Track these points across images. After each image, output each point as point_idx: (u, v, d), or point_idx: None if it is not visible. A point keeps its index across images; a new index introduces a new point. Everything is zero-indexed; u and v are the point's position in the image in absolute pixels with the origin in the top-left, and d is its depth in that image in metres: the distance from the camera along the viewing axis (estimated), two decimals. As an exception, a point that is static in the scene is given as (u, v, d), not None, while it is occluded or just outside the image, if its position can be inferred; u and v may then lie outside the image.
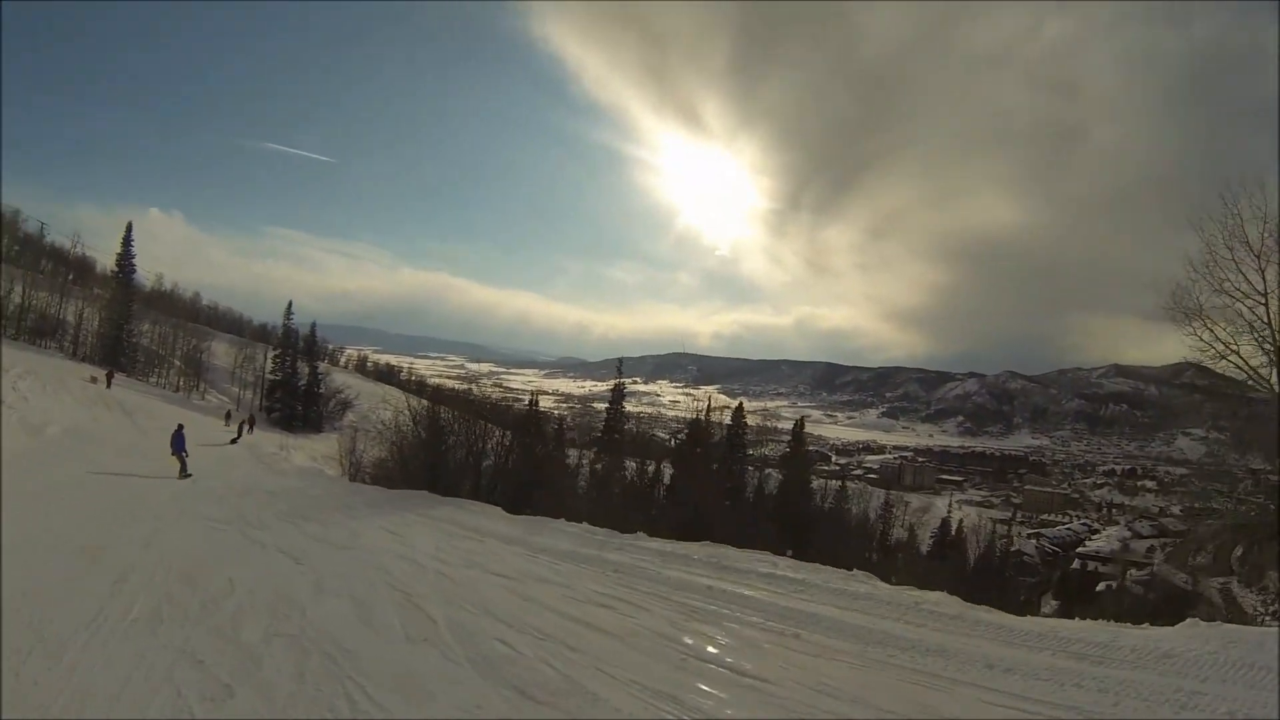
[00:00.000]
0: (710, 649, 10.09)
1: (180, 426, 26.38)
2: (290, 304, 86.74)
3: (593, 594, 12.63)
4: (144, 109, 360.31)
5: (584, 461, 44.24)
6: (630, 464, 44.20)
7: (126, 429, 37.74)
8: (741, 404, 57.00)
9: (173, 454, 24.91)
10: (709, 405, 54.39)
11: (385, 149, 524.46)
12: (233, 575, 11.67)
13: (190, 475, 24.39)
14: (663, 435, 74.94)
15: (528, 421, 34.53)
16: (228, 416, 55.56)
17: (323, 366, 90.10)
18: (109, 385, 50.75)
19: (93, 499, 17.91)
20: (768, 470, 57.00)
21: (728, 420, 51.85)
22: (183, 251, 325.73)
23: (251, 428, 55.04)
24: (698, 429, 50.18)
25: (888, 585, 15.24)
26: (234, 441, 44.98)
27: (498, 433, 33.95)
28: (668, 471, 45.13)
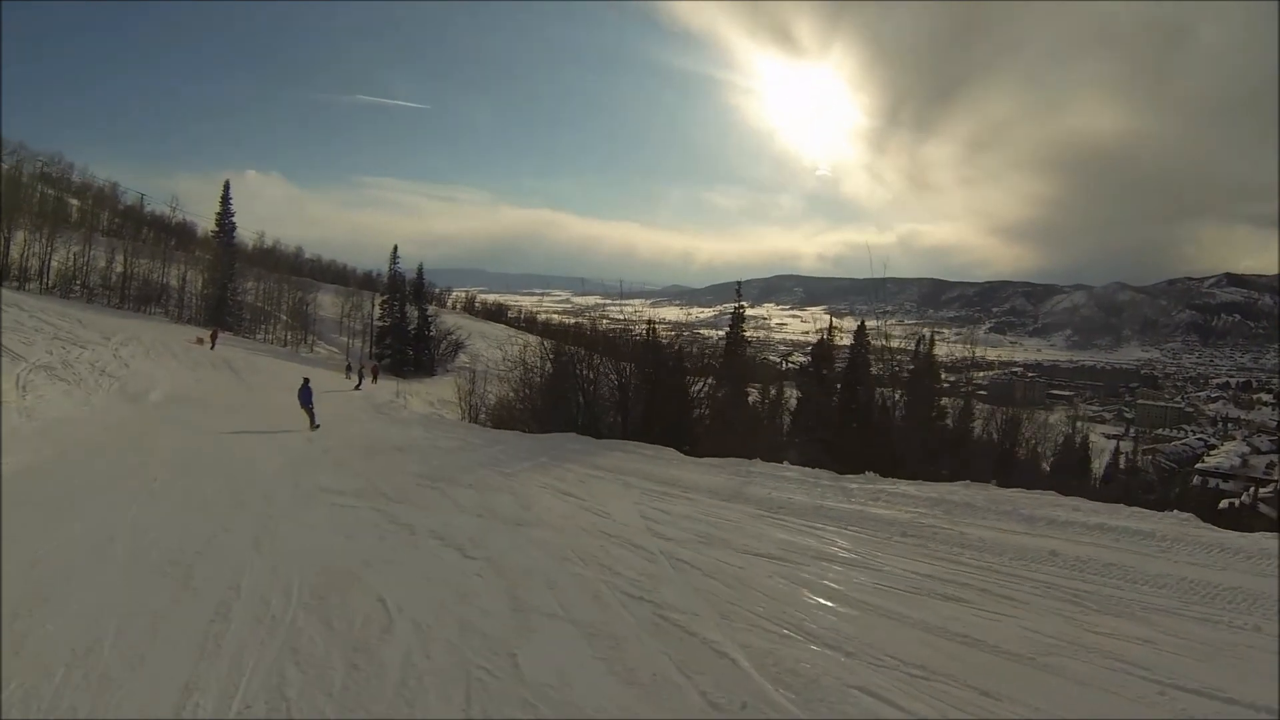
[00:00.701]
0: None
1: (306, 380, 25.99)
2: (395, 248, 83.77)
3: (917, 578, 8.39)
4: (234, 75, 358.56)
5: (704, 390, 39.96)
6: (753, 391, 40.46)
7: (234, 388, 34.95)
8: (864, 323, 52.18)
9: (302, 407, 24.47)
10: (830, 325, 49.74)
11: (479, 91, 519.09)
12: (384, 592, 7.69)
13: (319, 426, 23.99)
14: (773, 359, 70.63)
15: (654, 350, 29.94)
16: (348, 369, 52.80)
17: (431, 309, 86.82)
18: (213, 345, 48.15)
19: (191, 475, 14.38)
20: (895, 391, 52.26)
21: (848, 341, 47.23)
22: (283, 210, 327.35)
23: (375, 377, 53.79)
24: (823, 351, 45.61)
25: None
26: (357, 388, 45.71)
27: (628, 366, 29.22)
28: (792, 398, 41.93)
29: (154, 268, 68.63)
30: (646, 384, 27.39)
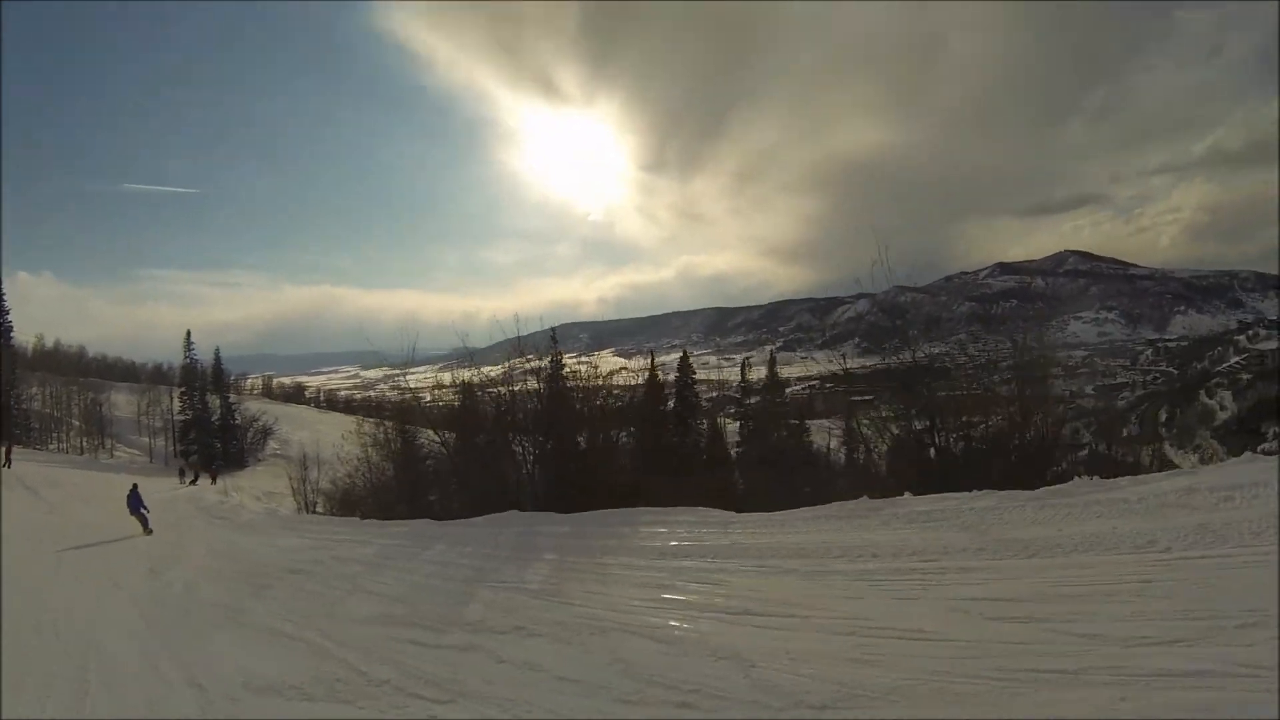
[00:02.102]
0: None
1: (135, 486, 24.66)
2: (189, 334, 76.48)
3: None
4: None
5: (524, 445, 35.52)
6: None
7: (33, 511, 28.21)
8: (686, 354, 49.85)
9: (132, 514, 23.19)
10: (652, 363, 46.86)
11: (247, 172, 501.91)
12: None
13: (151, 531, 22.78)
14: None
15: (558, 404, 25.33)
16: (181, 473, 47.32)
17: (231, 397, 79.12)
18: (8, 463, 40.86)
19: None
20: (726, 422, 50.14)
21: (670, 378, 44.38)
22: (59, 311, 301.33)
23: (214, 479, 49.89)
24: (655, 389, 42.41)
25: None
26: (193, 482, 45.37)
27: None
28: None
29: None
30: (560, 443, 23.01)
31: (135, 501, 23.42)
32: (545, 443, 22.90)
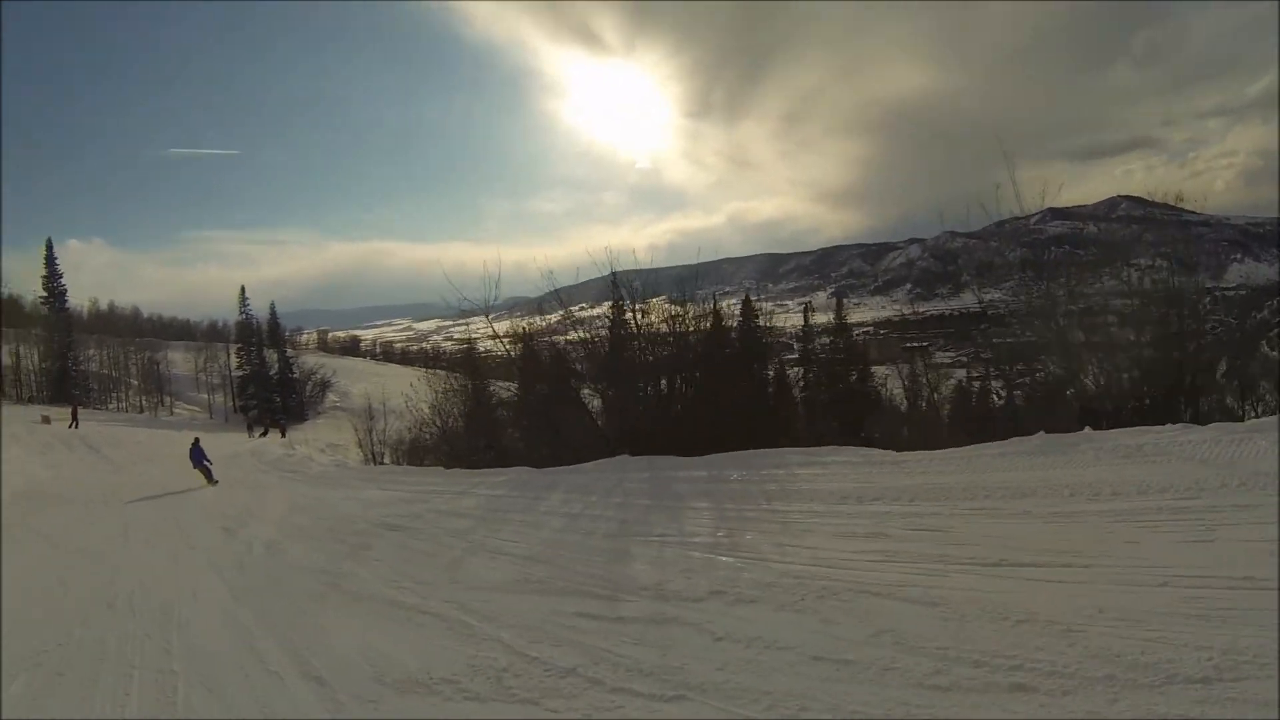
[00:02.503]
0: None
1: (196, 439, 24.26)
2: (243, 290, 75.32)
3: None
4: (34, 139, 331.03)
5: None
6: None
7: (99, 471, 26.98)
8: (749, 297, 47.22)
9: (195, 467, 22.98)
10: (714, 306, 44.55)
11: (290, 131, 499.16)
12: None
13: (216, 482, 22.64)
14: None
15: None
16: (250, 427, 46.52)
17: (289, 352, 78.61)
18: (75, 423, 40.05)
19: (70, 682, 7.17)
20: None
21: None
22: (112, 276, 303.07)
23: (283, 432, 50.22)
24: (719, 333, 39.93)
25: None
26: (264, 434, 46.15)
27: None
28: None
29: None
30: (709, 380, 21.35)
31: (198, 454, 23.17)
32: (640, 387, 21.27)
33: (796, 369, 47.71)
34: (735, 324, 37.95)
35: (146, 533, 14.72)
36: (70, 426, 39.55)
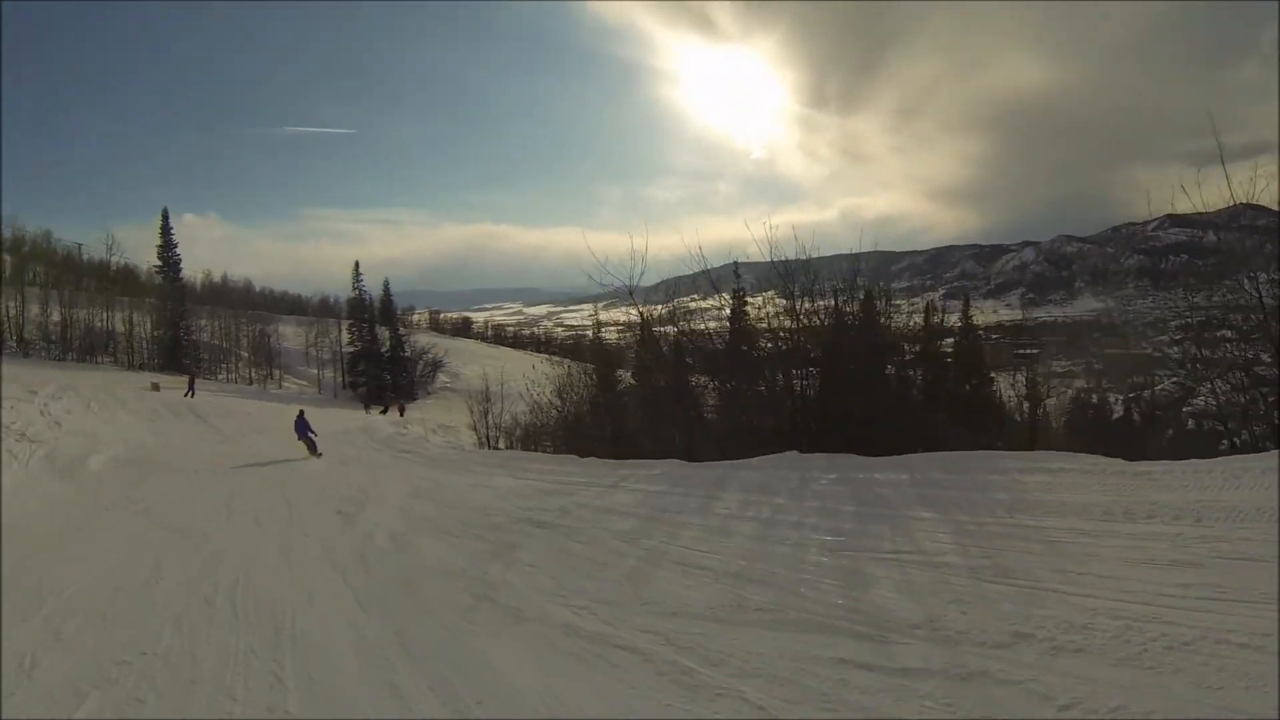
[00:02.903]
0: None
1: (301, 411, 24.74)
2: (357, 265, 74.88)
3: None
4: (157, 118, 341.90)
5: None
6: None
7: (206, 440, 26.02)
8: (871, 294, 44.44)
9: (299, 439, 22.75)
10: (836, 302, 42.26)
11: (405, 110, 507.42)
12: None
13: (321, 454, 22.26)
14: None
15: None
16: (367, 405, 45.99)
17: (400, 330, 77.94)
18: (191, 393, 39.90)
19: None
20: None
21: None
22: (225, 250, 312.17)
23: (402, 411, 49.16)
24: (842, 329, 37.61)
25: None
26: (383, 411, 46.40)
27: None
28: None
29: (97, 315, 60.04)
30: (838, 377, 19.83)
31: (302, 426, 23.02)
32: (773, 380, 20.06)
33: (912, 371, 45.17)
34: (857, 321, 35.73)
35: (253, 510, 13.27)
36: (186, 395, 39.19)
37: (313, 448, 22.40)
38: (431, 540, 10.27)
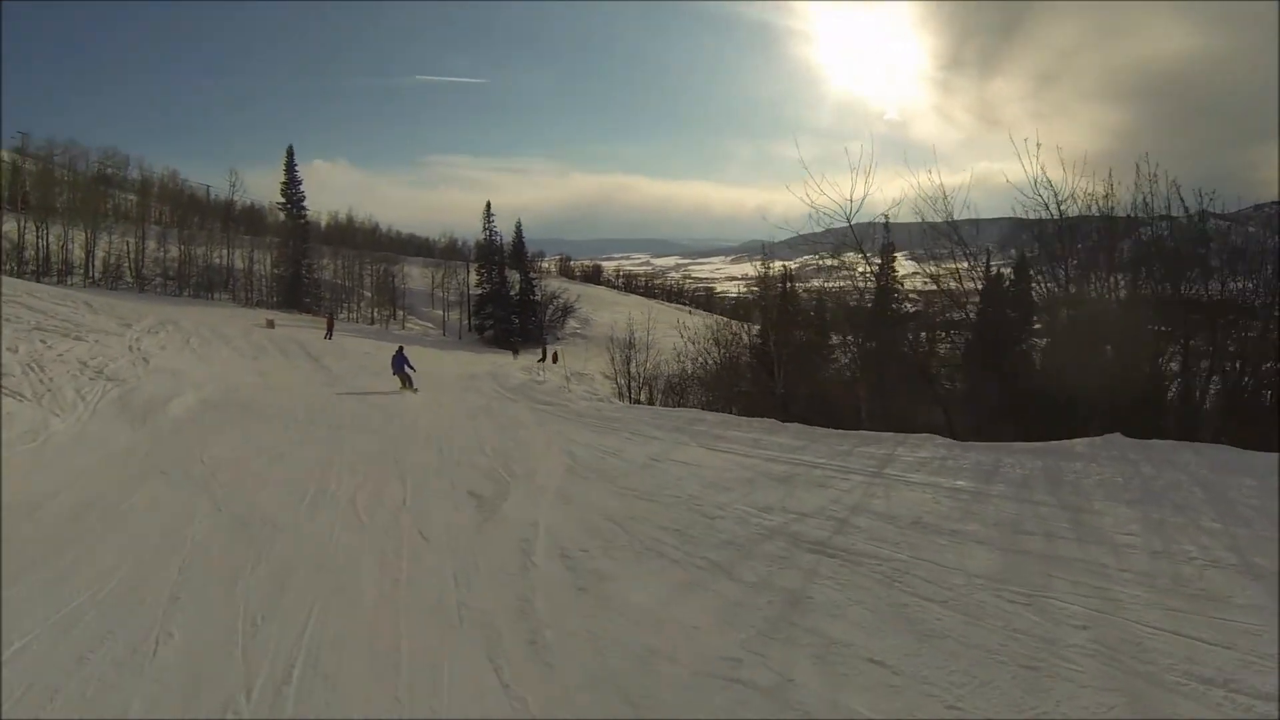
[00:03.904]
0: None
1: (400, 348, 24.00)
2: (489, 206, 72.12)
3: None
4: (290, 67, 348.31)
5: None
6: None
7: (311, 382, 23.02)
8: (1024, 256, 40.41)
9: (395, 373, 22.30)
10: (987, 268, 39.23)
11: (536, 62, 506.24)
12: None
13: (416, 390, 21.71)
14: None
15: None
16: (515, 351, 44.74)
17: (531, 274, 75.41)
18: (330, 335, 37.99)
19: None
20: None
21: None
22: (354, 195, 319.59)
23: (555, 358, 46.47)
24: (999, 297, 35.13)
25: None
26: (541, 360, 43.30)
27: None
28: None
29: (217, 253, 60.21)
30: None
31: (399, 361, 22.69)
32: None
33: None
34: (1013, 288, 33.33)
35: (351, 485, 9.54)
36: (326, 338, 37.09)
37: (408, 382, 22.07)
38: (636, 570, 6.18)
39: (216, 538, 7.06)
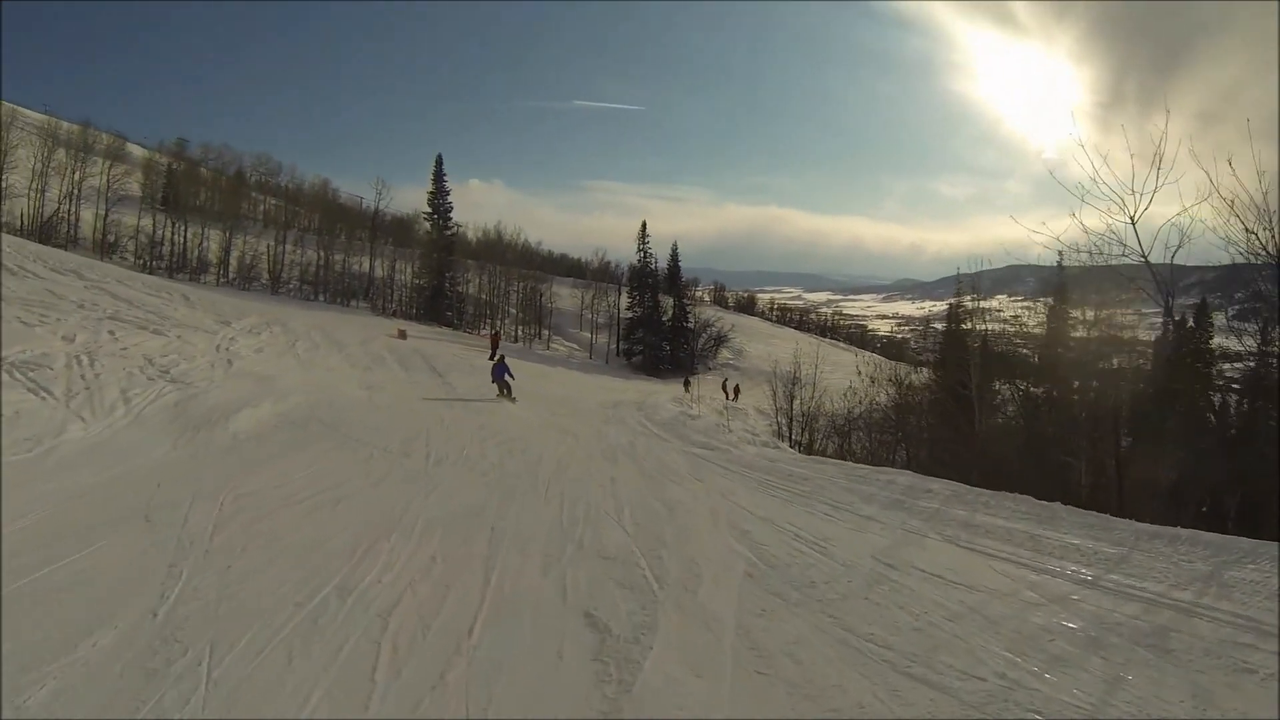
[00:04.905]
0: None
1: (502, 356, 23.51)
2: (644, 226, 69.51)
3: None
4: (455, 89, 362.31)
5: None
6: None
7: (425, 401, 19.16)
8: (1206, 303, 40.51)
9: (494, 380, 21.93)
10: (1169, 314, 35.66)
11: (692, 91, 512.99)
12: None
13: (515, 400, 21.19)
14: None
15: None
16: (686, 384, 41.58)
17: (685, 301, 72.14)
18: (494, 355, 35.57)
19: None
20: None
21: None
22: (507, 214, 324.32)
23: (736, 394, 41.78)
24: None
25: None
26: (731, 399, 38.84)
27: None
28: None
29: (358, 260, 60.42)
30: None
31: (500, 370, 22.11)
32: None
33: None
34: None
35: (400, 582, 6.00)
36: (491, 359, 34.56)
37: (507, 390, 21.58)
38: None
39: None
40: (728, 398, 39.32)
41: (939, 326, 42.91)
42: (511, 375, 21.84)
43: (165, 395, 13.16)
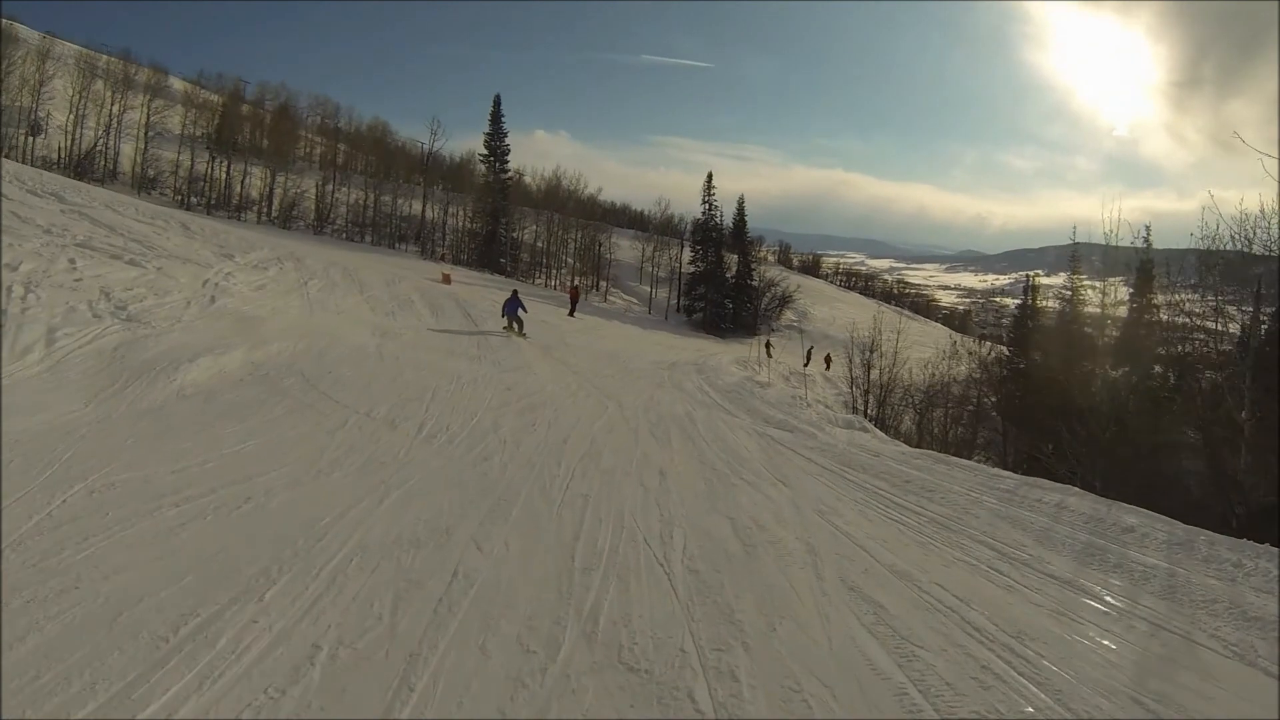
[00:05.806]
0: None
1: (515, 292, 22.07)
2: (710, 176, 66.45)
3: None
4: (522, 41, 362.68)
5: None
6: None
7: (451, 355, 16.17)
8: None
9: (503, 315, 21.23)
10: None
11: (761, 50, 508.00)
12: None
13: (525, 335, 20.57)
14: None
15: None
16: (767, 345, 37.91)
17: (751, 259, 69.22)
18: (573, 311, 35.27)
19: None
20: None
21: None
22: (571, 165, 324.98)
23: (829, 363, 39.04)
24: None
25: None
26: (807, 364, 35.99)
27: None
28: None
29: (409, 204, 59.69)
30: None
31: (513, 306, 21.19)
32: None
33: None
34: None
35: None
36: (570, 314, 33.97)
37: (519, 326, 20.91)
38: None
39: None
40: (807, 365, 35.80)
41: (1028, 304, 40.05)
42: (525, 309, 21.12)
43: (106, 336, 10.77)
